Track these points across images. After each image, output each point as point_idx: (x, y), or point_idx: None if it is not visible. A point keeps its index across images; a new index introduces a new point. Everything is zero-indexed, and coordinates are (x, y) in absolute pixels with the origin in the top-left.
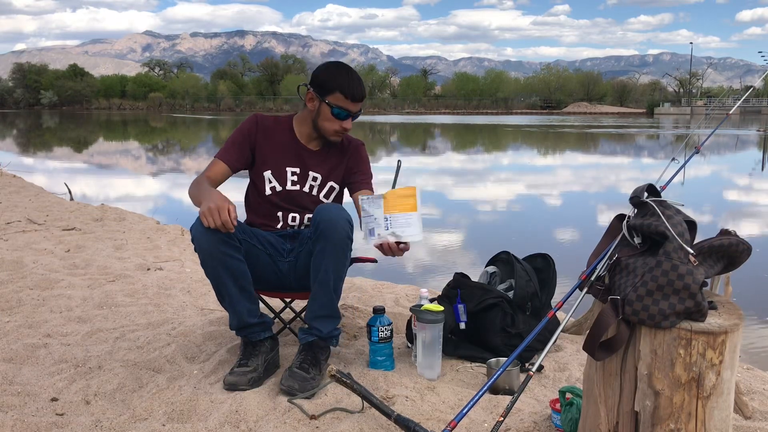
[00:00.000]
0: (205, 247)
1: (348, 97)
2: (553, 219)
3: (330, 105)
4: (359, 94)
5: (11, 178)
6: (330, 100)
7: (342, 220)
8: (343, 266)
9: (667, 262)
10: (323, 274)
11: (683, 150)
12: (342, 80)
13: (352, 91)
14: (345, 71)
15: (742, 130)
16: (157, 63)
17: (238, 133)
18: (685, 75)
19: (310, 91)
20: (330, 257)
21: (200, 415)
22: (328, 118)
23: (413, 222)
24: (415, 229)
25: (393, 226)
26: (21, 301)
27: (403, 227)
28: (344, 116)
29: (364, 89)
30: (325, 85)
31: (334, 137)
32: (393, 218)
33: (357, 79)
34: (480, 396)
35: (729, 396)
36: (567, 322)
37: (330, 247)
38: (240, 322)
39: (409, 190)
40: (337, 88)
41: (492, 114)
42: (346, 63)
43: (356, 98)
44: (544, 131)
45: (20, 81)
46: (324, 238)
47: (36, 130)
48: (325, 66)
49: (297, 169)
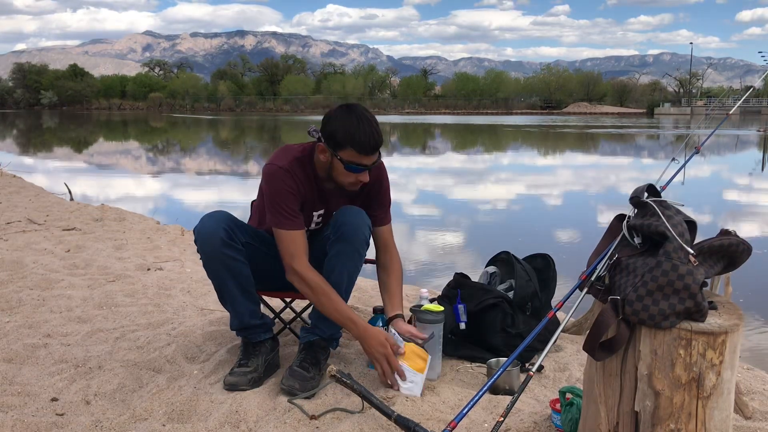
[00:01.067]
0: (208, 249)
1: (361, 153)
2: (553, 219)
3: (343, 161)
4: (373, 147)
5: (11, 178)
6: (342, 156)
7: (364, 225)
8: (356, 270)
9: (667, 262)
10: (337, 276)
11: (683, 150)
12: (353, 133)
13: (365, 146)
14: (356, 121)
15: (742, 130)
16: (157, 63)
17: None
18: (685, 75)
19: (322, 143)
20: (347, 260)
21: (200, 415)
22: (342, 173)
23: (417, 381)
24: (416, 387)
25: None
26: (21, 301)
27: (407, 382)
28: (359, 171)
29: (380, 136)
30: (335, 137)
31: (351, 188)
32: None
33: (369, 130)
34: (480, 396)
35: (729, 396)
36: (567, 322)
37: (349, 251)
38: (241, 323)
39: (423, 353)
40: (348, 144)
41: (492, 114)
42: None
43: (370, 152)
44: (545, 131)
45: (20, 81)
46: (344, 240)
47: (36, 130)
48: (336, 115)
49: (322, 211)
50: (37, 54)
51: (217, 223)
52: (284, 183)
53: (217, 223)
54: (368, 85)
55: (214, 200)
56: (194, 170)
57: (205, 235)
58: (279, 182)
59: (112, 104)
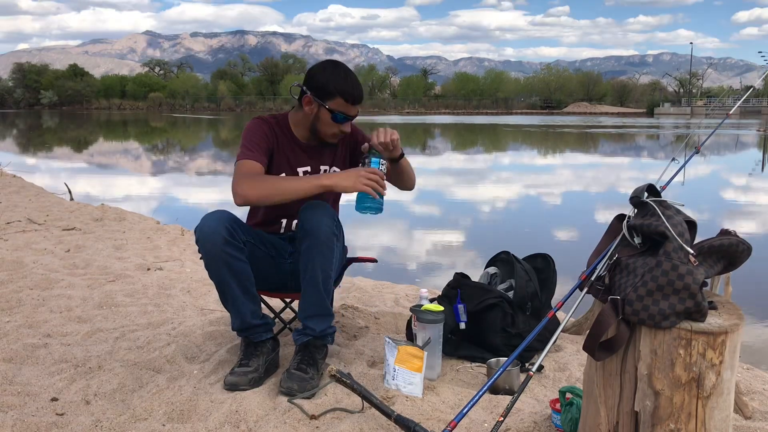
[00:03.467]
0: (209, 248)
1: (349, 101)
2: (553, 219)
3: (330, 110)
4: (359, 97)
5: (11, 178)
6: (330, 105)
7: (326, 217)
8: (329, 263)
9: (668, 262)
10: (311, 272)
11: (683, 150)
12: (342, 84)
13: (353, 96)
14: (343, 73)
15: (742, 130)
16: (157, 63)
17: (258, 135)
18: (685, 75)
19: (308, 95)
20: (316, 255)
21: (200, 415)
22: (328, 122)
23: (416, 382)
24: (416, 388)
25: (397, 379)
26: (21, 301)
27: (405, 384)
28: (343, 120)
29: (362, 90)
30: (325, 88)
31: (332, 139)
32: (399, 371)
33: (356, 81)
34: (480, 396)
35: (729, 396)
36: (567, 322)
37: (315, 245)
38: (243, 323)
39: (418, 352)
40: (337, 93)
41: (492, 114)
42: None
43: (357, 102)
44: (545, 131)
45: (20, 81)
46: (309, 236)
47: (36, 130)
48: (322, 67)
49: (308, 168)
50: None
51: (219, 222)
52: (256, 126)
53: (218, 222)
54: (368, 84)
55: (214, 200)
56: (194, 170)
57: (207, 235)
58: (251, 127)
59: (112, 104)
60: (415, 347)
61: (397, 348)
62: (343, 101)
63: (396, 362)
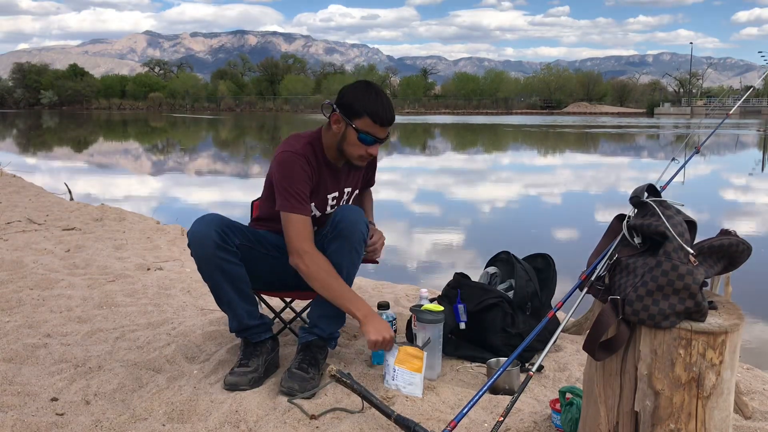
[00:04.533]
0: (201, 252)
1: (377, 123)
2: (553, 219)
3: (357, 130)
4: (389, 119)
5: (11, 178)
6: (358, 125)
7: (362, 222)
8: (355, 268)
9: (668, 262)
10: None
11: (683, 150)
12: (371, 104)
13: (382, 117)
14: (374, 94)
15: (742, 130)
16: (157, 63)
17: (301, 182)
18: (685, 75)
19: (337, 113)
20: (345, 257)
21: (200, 415)
22: (354, 143)
23: (416, 382)
24: (416, 388)
25: (397, 379)
26: (21, 301)
27: (406, 384)
28: (371, 142)
29: (393, 113)
30: (353, 107)
31: (359, 162)
32: (399, 372)
33: (388, 103)
34: (480, 396)
35: (729, 396)
36: (567, 322)
37: (347, 248)
38: (240, 324)
39: (418, 352)
40: (365, 113)
41: (492, 114)
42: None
43: (385, 123)
44: (545, 131)
45: (20, 81)
46: (342, 237)
47: (36, 129)
48: (354, 86)
49: (336, 193)
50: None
51: (209, 226)
52: (298, 167)
53: (208, 226)
54: None
55: (215, 200)
56: (194, 170)
57: (198, 239)
58: (292, 166)
59: (112, 104)
60: (414, 348)
61: (398, 348)
62: (371, 122)
63: (396, 363)
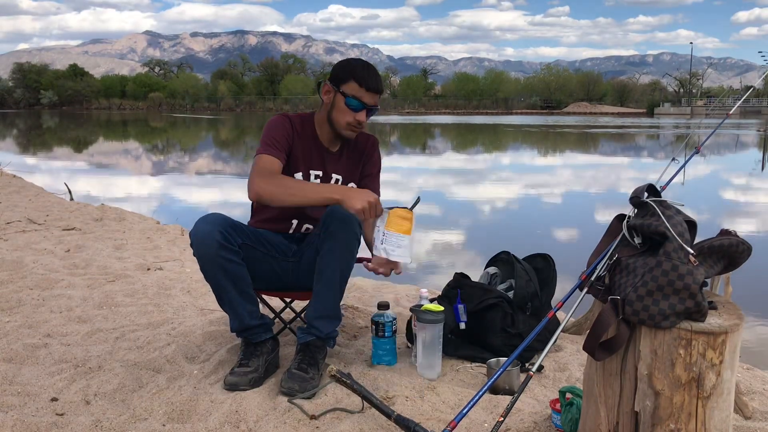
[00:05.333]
0: (203, 252)
1: (363, 86)
2: (553, 219)
3: (344, 94)
4: (375, 85)
5: (11, 178)
6: (344, 89)
7: (354, 221)
8: (349, 267)
9: (668, 262)
10: (330, 273)
11: (683, 150)
12: (358, 69)
13: (368, 80)
14: (362, 63)
15: (742, 130)
16: (157, 63)
17: (279, 132)
18: (685, 75)
19: (327, 83)
20: (338, 257)
21: (200, 415)
22: (342, 109)
23: (404, 244)
24: (405, 251)
25: (386, 243)
26: (21, 301)
27: (394, 247)
28: (358, 107)
29: (382, 83)
30: (341, 74)
31: (347, 131)
32: (388, 235)
33: (374, 71)
34: (480, 396)
35: (729, 396)
36: (567, 322)
37: (339, 248)
38: (241, 324)
39: (407, 213)
40: (351, 77)
41: (492, 114)
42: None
43: (371, 88)
44: (545, 131)
45: (20, 81)
46: (334, 237)
47: (36, 130)
48: (344, 60)
49: (320, 173)
50: (37, 54)
51: (212, 225)
52: (279, 123)
53: (212, 225)
54: None
55: (215, 200)
56: (194, 170)
57: (201, 239)
58: (274, 124)
59: (112, 104)
60: (404, 209)
61: (388, 212)
62: (357, 86)
63: (386, 227)
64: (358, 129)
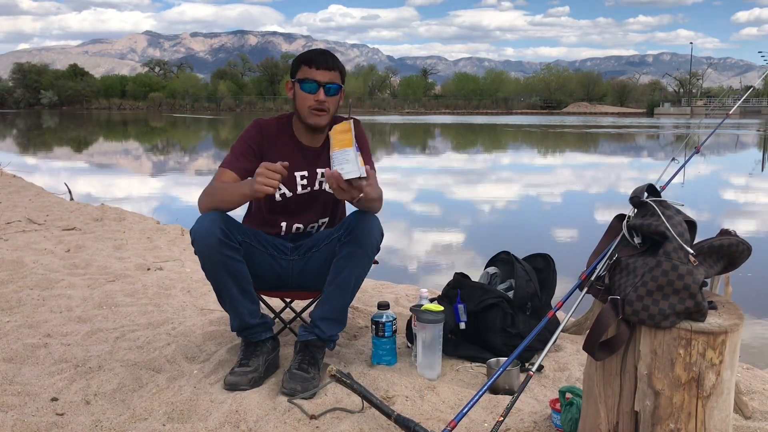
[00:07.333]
0: (205, 250)
1: (312, 66)
2: (553, 219)
3: (299, 81)
4: (324, 62)
5: (11, 178)
6: (298, 76)
7: (377, 231)
8: (363, 275)
9: (667, 262)
10: (345, 278)
11: (683, 150)
12: (305, 55)
13: (316, 60)
14: (312, 50)
15: (742, 130)
16: (157, 63)
17: (244, 142)
18: (685, 75)
19: (288, 82)
20: (357, 264)
21: (200, 415)
22: (301, 96)
23: (350, 158)
24: (352, 165)
25: (335, 164)
26: (21, 301)
27: (342, 164)
28: (314, 88)
29: (334, 62)
30: (293, 66)
31: (313, 118)
32: (335, 156)
33: (323, 51)
34: (480, 396)
35: (729, 396)
36: (567, 322)
37: (359, 254)
38: (241, 323)
39: (345, 125)
40: (301, 63)
41: (492, 114)
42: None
43: (321, 66)
44: (545, 131)
45: (20, 81)
46: (355, 243)
47: (36, 130)
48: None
49: (305, 172)
50: (37, 54)
51: (214, 223)
52: (247, 133)
53: (213, 223)
54: (368, 85)
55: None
56: (194, 169)
57: (202, 236)
58: (244, 132)
59: (112, 104)
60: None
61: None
62: (307, 68)
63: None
64: (322, 112)
